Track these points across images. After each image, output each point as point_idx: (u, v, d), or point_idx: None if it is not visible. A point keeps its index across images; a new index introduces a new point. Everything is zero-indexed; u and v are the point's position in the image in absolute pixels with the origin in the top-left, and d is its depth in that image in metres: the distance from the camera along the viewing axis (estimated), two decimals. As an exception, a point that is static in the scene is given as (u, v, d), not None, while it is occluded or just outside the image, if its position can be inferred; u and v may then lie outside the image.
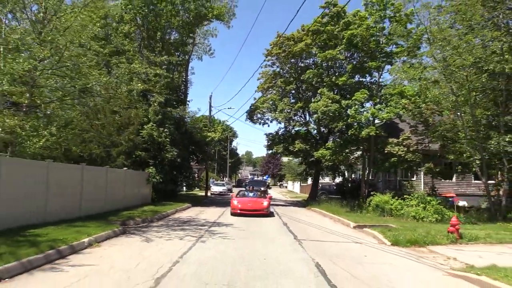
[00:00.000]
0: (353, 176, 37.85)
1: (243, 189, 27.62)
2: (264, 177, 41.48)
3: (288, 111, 28.65)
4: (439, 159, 22.64)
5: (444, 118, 20.96)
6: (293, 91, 29.78)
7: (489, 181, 21.71)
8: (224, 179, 68.45)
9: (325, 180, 46.34)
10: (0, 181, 9.99)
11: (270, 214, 19.85)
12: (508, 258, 9.26)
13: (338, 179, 37.28)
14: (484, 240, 12.25)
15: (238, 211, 19.07)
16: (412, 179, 28.86)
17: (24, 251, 7.64)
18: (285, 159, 63.25)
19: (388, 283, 7.06)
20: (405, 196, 20.64)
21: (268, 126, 38.48)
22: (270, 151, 34.19)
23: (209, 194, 40.00)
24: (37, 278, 6.70)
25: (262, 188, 28.14)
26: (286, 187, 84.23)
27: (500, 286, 6.61)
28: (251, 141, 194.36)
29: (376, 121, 23.80)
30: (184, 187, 40.77)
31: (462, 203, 28.45)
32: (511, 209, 19.79)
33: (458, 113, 19.02)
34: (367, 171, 24.96)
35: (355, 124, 22.44)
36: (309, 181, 44.35)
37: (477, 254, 9.92)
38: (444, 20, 19.19)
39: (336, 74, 26.16)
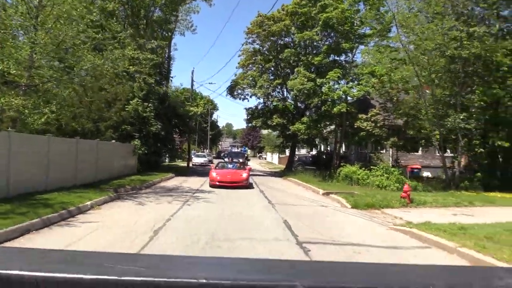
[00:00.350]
0: (328, 148, 39.99)
1: (223, 160, 28.33)
2: (242, 149, 41.99)
3: (267, 87, 30.20)
4: (403, 134, 24.73)
5: (408, 97, 22.90)
6: (272, 68, 31.27)
7: (450, 154, 24.03)
8: (205, 150, 70.03)
9: (302, 152, 48.42)
10: (10, 153, 11.38)
11: (249, 186, 19.87)
12: (444, 218, 11.19)
13: (314, 151, 39.35)
14: (430, 204, 14.30)
15: (217, 183, 18.71)
16: (382, 151, 31.02)
17: (42, 211, 9.19)
18: (264, 131, 64.96)
19: (339, 233, 8.93)
20: (371, 167, 22.70)
21: (248, 101, 39.91)
22: (250, 125, 35.88)
23: (190, 165, 41.57)
24: (57, 232, 8.28)
25: (241, 160, 28.67)
26: (265, 158, 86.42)
27: (422, 234, 8.54)
28: (232, 115, 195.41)
29: (349, 98, 25.60)
30: (167, 159, 42.26)
31: (426, 174, 30.98)
32: (465, 179, 22.17)
33: (420, 93, 20.92)
34: (339, 144, 26.97)
35: (329, 101, 24.20)
36: (287, 153, 46.39)
37: (420, 215, 11.82)
38: (415, 4, 20.88)
39: (314, 52, 27.70)
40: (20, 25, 13.00)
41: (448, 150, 24.55)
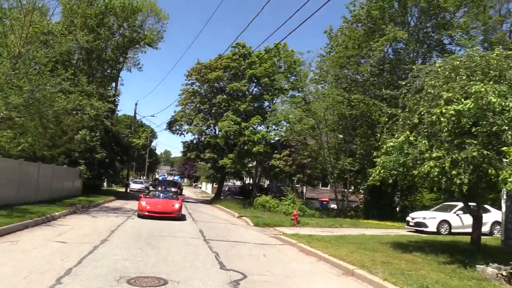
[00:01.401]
0: (256, 180, 45.42)
1: (153, 189, 28.73)
2: (176, 177, 44.02)
3: (201, 125, 35.07)
4: (307, 171, 30.59)
5: (312, 142, 28.86)
6: (207, 109, 36.30)
7: (349, 190, 29.99)
8: (142, 177, 72.91)
9: (232, 183, 53.42)
10: (-3, 173, 15.21)
11: (181, 217, 18.71)
12: (311, 232, 16.34)
13: (240, 183, 44.51)
14: (311, 225, 19.60)
15: (146, 213, 17.39)
16: (297, 185, 36.75)
17: (30, 215, 13.20)
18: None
19: (234, 237, 13.80)
20: (282, 198, 28.01)
21: (184, 136, 43.67)
22: (185, 157, 40.37)
23: (128, 190, 44.84)
24: (46, 228, 12.36)
25: (173, 189, 29.78)
26: (200, 187, 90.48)
27: (285, 239, 13.65)
28: (170, 146, 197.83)
29: (267, 139, 31.15)
30: (105, 183, 45.31)
31: (333, 205, 36.94)
32: (351, 210, 28.16)
33: (319, 140, 26.87)
34: (259, 177, 32.26)
35: (250, 141, 29.58)
36: (219, 183, 51.16)
37: (298, 231, 16.90)
38: (316, 73, 27.12)
39: (242, 98, 33.22)
40: (5, 73, 16.97)
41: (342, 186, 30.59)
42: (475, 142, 8.67)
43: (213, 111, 36.06)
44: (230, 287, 6.91)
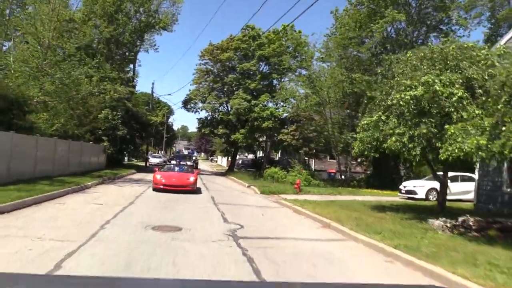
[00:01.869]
0: (267, 154, 47.77)
1: (168, 163, 30.12)
2: (190, 151, 45.43)
3: (214, 103, 37.28)
4: (312, 145, 32.64)
5: (317, 118, 30.80)
6: (219, 88, 38.40)
7: (353, 162, 31.96)
8: (160, 152, 76.13)
9: (245, 156, 55.98)
10: (38, 149, 17.74)
11: (197, 190, 18.89)
12: (310, 198, 18.45)
13: (253, 156, 46.95)
14: (312, 193, 21.71)
15: (161, 187, 17.54)
16: (306, 158, 38.87)
17: (68, 184, 15.72)
18: (216, 137, 71.98)
19: (240, 201, 16.13)
20: (289, 169, 30.21)
21: (199, 113, 46.40)
22: (200, 132, 42.82)
23: (147, 164, 47.74)
24: (84, 194, 14.86)
25: (189, 163, 31.68)
26: (216, 161, 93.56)
27: (285, 203, 15.90)
28: (187, 122, 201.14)
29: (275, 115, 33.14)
30: (126, 158, 48.32)
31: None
32: (354, 180, 30.25)
33: (324, 116, 28.80)
34: (269, 151, 34.46)
35: (260, 118, 31.68)
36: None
37: (297, 197, 19.10)
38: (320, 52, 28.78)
39: (251, 78, 35.17)
40: (40, 64, 19.32)
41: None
42: (432, 120, 10.63)
43: (225, 89, 38.15)
44: (229, 232, 9.19)
